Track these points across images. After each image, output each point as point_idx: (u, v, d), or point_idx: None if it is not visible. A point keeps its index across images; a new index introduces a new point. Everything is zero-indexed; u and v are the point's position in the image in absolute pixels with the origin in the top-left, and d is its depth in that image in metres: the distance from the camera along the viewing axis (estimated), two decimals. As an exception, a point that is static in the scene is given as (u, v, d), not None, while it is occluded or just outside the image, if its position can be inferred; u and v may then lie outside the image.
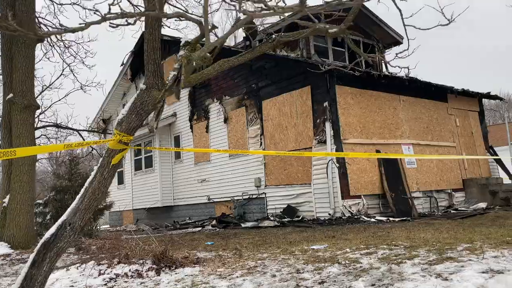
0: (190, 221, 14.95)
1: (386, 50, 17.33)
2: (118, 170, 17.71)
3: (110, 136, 19.68)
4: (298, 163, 11.63)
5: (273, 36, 4.32)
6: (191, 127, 15.70)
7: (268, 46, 4.61)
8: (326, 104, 10.93)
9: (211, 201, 14.59)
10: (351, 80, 11.33)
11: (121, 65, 17.76)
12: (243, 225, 10.59)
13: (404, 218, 9.85)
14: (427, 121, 13.36)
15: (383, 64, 17.05)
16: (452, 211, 12.25)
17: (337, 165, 10.49)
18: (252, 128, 13.13)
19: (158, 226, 14.89)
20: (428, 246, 5.33)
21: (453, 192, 13.37)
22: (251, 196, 12.97)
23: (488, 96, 15.58)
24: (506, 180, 15.24)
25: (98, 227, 10.32)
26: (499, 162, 15.43)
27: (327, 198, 10.58)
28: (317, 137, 11.06)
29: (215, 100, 14.64)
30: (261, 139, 12.80)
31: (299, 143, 11.63)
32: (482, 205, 12.78)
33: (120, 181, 19.79)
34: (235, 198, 13.39)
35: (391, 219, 9.81)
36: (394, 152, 11.99)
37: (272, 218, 10.91)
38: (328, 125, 10.80)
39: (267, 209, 12.47)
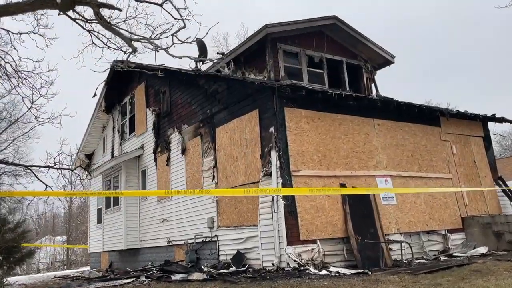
0: (151, 266, 13.22)
1: (376, 72, 15.50)
2: (97, 207, 16.35)
3: (98, 173, 18.46)
4: (248, 200, 9.81)
5: None
6: (155, 160, 14.23)
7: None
8: (272, 129, 9.18)
9: (170, 243, 12.85)
10: (308, 101, 9.60)
11: (93, 96, 16.61)
12: (173, 278, 8.78)
13: (361, 271, 7.78)
14: (412, 149, 11.29)
15: (373, 86, 15.21)
16: (442, 258, 10.01)
17: (284, 202, 8.61)
18: (206, 160, 11.48)
19: (119, 272, 13.19)
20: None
21: (448, 234, 11.09)
22: (204, 239, 11.18)
23: (494, 118, 13.33)
24: (520, 217, 12.76)
25: (4, 280, 8.78)
26: (510, 195, 12.99)
27: (273, 243, 8.67)
28: (264, 169, 9.26)
29: (175, 130, 13.16)
30: (213, 172, 11.11)
31: (248, 176, 9.86)
32: (482, 250, 10.45)
33: (99, 220, 18.42)
34: (189, 241, 11.62)
35: (342, 271, 7.76)
36: (365, 186, 9.99)
37: (206, 270, 9.06)
38: (274, 155, 9.01)
39: (219, 255, 10.62)
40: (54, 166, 14.10)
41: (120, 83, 16.87)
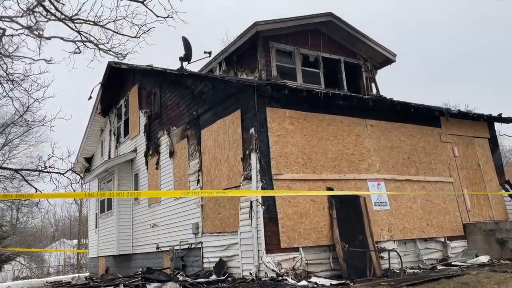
0: (141, 272, 12.78)
1: (377, 71, 14.86)
2: (95, 212, 16.03)
3: (92, 176, 18.20)
4: (230, 205, 9.32)
5: None
6: (147, 163, 13.86)
7: None
8: (252, 130, 8.68)
9: (159, 250, 12.43)
10: (293, 101, 9.09)
11: (89, 98, 16.44)
12: (148, 286, 8.36)
13: (343, 282, 7.20)
14: (408, 151, 10.65)
15: (373, 85, 14.58)
16: (439, 267, 9.36)
17: (263, 207, 8.10)
18: (192, 163, 11.04)
19: (104, 279, 12.82)
20: None
21: (448, 241, 10.40)
22: (190, 246, 10.72)
23: (500, 119, 12.56)
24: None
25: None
26: (517, 200, 12.20)
27: (252, 251, 8.16)
28: (245, 172, 8.76)
29: (165, 132, 12.76)
30: (199, 175, 10.65)
31: (231, 180, 9.37)
32: (483, 258, 9.74)
33: (96, 224, 18.15)
34: (175, 247, 11.17)
35: (321, 282, 7.19)
36: (355, 190, 9.40)
37: (181, 278, 8.59)
38: (254, 157, 8.50)
39: (203, 263, 10.14)
40: (44, 170, 13.88)
41: (116, 85, 16.58)
